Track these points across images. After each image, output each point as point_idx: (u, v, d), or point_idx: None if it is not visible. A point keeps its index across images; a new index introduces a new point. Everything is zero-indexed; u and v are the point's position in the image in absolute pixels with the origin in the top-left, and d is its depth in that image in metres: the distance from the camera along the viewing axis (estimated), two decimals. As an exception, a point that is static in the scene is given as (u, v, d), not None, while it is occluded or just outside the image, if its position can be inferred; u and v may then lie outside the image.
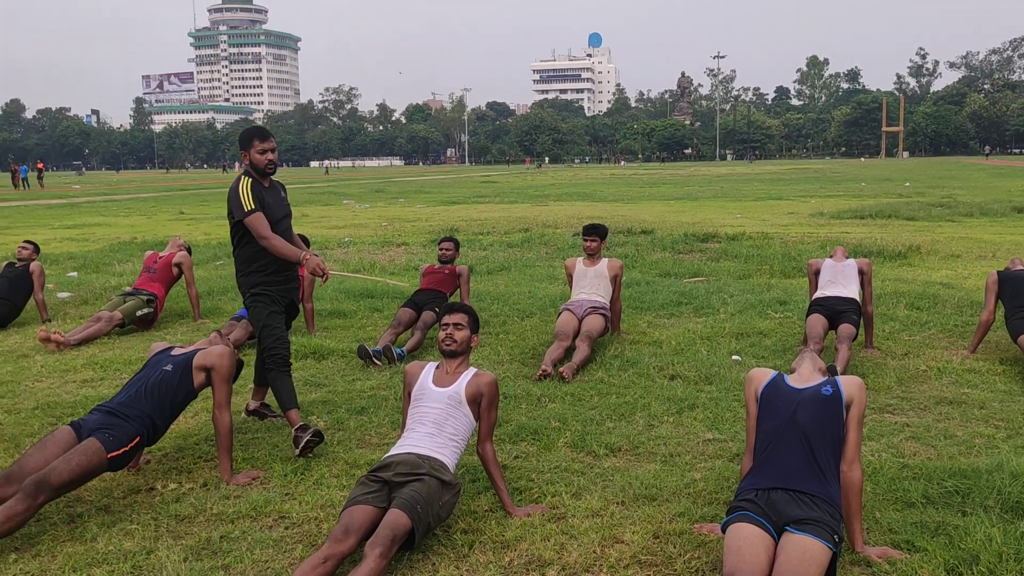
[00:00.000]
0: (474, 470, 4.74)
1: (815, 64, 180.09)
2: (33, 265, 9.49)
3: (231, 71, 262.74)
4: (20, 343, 8.42)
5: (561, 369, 6.67)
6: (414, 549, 3.78)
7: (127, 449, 4.37)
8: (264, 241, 5.14)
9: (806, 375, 4.03)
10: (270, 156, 5.25)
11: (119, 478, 4.83)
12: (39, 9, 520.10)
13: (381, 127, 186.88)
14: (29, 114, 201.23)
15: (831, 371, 4.17)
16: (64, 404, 6.22)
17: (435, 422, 4.21)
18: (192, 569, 3.72)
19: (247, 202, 5.13)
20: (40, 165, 64.08)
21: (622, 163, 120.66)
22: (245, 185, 5.19)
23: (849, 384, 3.85)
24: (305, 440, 5.00)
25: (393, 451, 4.17)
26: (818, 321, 7.09)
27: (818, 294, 7.43)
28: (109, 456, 4.26)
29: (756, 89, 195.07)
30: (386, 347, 7.32)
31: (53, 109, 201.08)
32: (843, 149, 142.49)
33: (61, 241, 18.66)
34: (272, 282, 5.34)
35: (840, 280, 7.42)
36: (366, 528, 3.67)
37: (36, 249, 9.72)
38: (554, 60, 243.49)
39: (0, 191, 50.48)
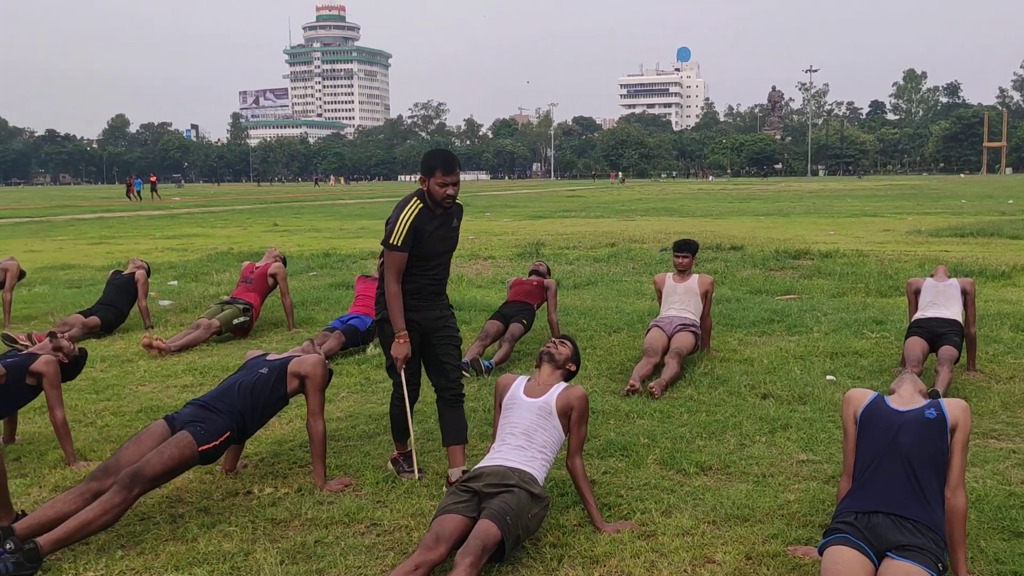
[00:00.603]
0: (562, 484, 4.73)
1: (912, 77, 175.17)
2: (138, 273, 9.89)
3: (324, 87, 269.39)
4: (125, 348, 8.76)
5: (650, 385, 6.62)
6: (504, 561, 3.79)
7: (217, 443, 4.48)
8: (387, 286, 4.72)
9: (907, 397, 3.91)
10: (450, 191, 4.67)
11: (218, 481, 4.99)
12: (144, 28, 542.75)
13: (468, 142, 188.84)
14: (133, 128, 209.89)
15: (933, 395, 4.04)
16: (165, 407, 6.44)
17: (525, 433, 4.23)
18: (288, 572, 3.81)
19: (399, 235, 4.62)
20: (153, 179, 67.44)
21: (710, 178, 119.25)
22: (411, 212, 4.66)
23: (954, 407, 3.73)
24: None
25: (484, 463, 4.20)
26: (917, 344, 6.87)
27: (918, 315, 7.20)
28: (200, 449, 4.38)
29: (850, 103, 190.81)
30: (474, 359, 7.38)
31: (155, 124, 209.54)
32: (941, 165, 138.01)
33: (162, 251, 19.36)
34: (413, 307, 4.81)
35: (942, 301, 7.18)
36: (456, 537, 3.71)
37: (148, 271, 10.15)
38: (641, 74, 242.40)
39: (114, 202, 52.74)
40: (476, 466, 4.22)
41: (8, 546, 3.74)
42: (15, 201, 59.40)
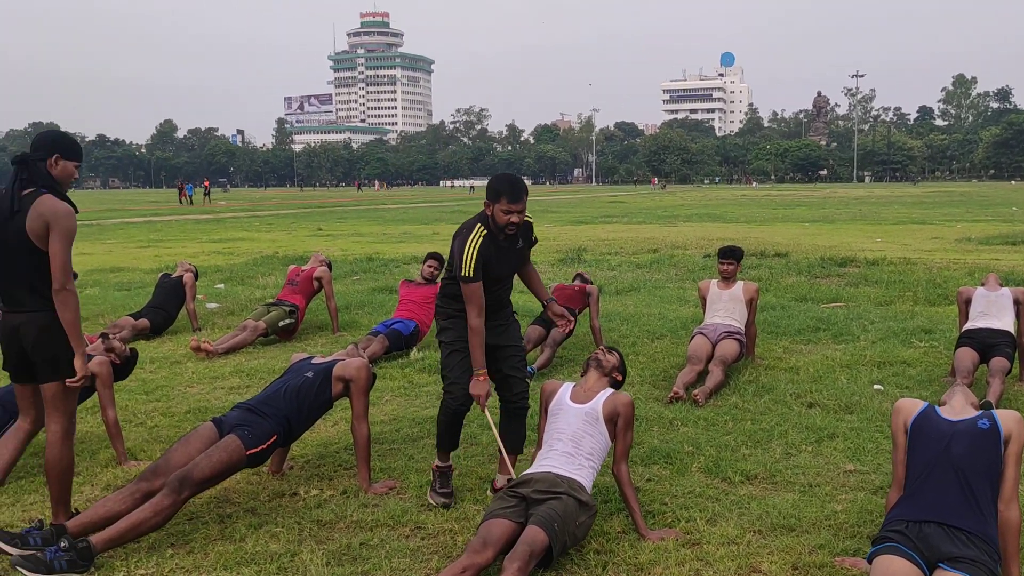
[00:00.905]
0: (606, 491, 4.72)
1: (962, 83, 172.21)
2: (186, 276, 10.06)
3: (367, 93, 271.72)
4: (173, 350, 8.91)
5: (694, 393, 6.58)
6: (550, 567, 3.80)
7: (264, 447, 4.54)
8: (470, 321, 4.54)
9: (958, 408, 3.85)
10: (514, 219, 4.48)
11: (264, 482, 5.05)
12: (191, 36, 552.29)
13: (509, 147, 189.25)
14: (180, 134, 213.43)
15: (985, 406, 3.97)
16: (213, 409, 6.54)
17: (572, 439, 4.24)
18: (334, 574, 3.85)
19: (468, 267, 4.46)
20: (206, 183, 68.72)
21: (753, 184, 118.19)
22: (475, 242, 4.49)
23: (1007, 418, 3.66)
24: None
25: (532, 469, 4.21)
26: (967, 355, 6.75)
27: (968, 325, 7.07)
28: (248, 453, 4.44)
29: (897, 109, 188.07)
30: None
31: (202, 129, 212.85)
32: (991, 171, 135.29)
33: (209, 254, 19.64)
34: None
35: (993, 312, 7.05)
36: (503, 541, 3.73)
37: (196, 275, 10.31)
38: (684, 80, 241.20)
39: (162, 207, 53.67)
40: (524, 472, 4.23)
41: (62, 544, 3.82)
42: (66, 205, 60.56)
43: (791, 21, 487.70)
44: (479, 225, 4.56)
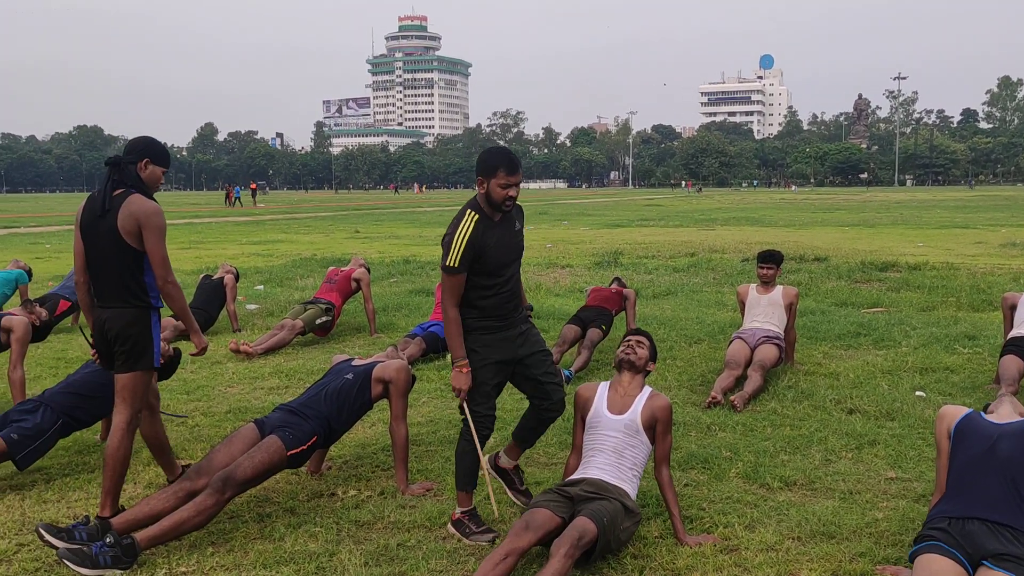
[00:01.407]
0: (644, 495, 4.70)
1: (1007, 85, 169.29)
2: (227, 278, 10.18)
3: (405, 96, 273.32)
4: (214, 351, 9.00)
5: (732, 398, 6.53)
6: (589, 564, 3.78)
7: (305, 448, 4.59)
8: (444, 312, 4.30)
9: (1005, 416, 3.79)
10: (512, 192, 4.18)
11: (303, 482, 5.10)
12: (234, 41, 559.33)
13: (546, 150, 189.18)
14: (220, 137, 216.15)
15: (1033, 414, 3.89)
16: (253, 409, 6.61)
17: (615, 452, 4.25)
18: (372, 574, 3.87)
19: (455, 255, 4.14)
20: (253, 186, 69.67)
21: (792, 187, 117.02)
22: (466, 228, 4.17)
23: (1056, 423, 3.59)
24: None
25: (578, 475, 4.24)
26: (1013, 363, 6.62)
27: (1014, 333, 6.94)
28: (289, 454, 4.49)
29: (940, 112, 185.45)
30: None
31: (242, 132, 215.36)
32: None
33: (248, 256, 19.86)
34: (489, 328, 4.32)
35: (1040, 317, 6.92)
36: (545, 530, 3.76)
37: (236, 276, 10.44)
38: (723, 82, 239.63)
39: (202, 208, 54.38)
40: (571, 476, 4.27)
41: (108, 540, 3.89)
42: (110, 206, 61.59)
43: (832, 22, 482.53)
44: (469, 211, 4.22)
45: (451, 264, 4.15)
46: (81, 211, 4.39)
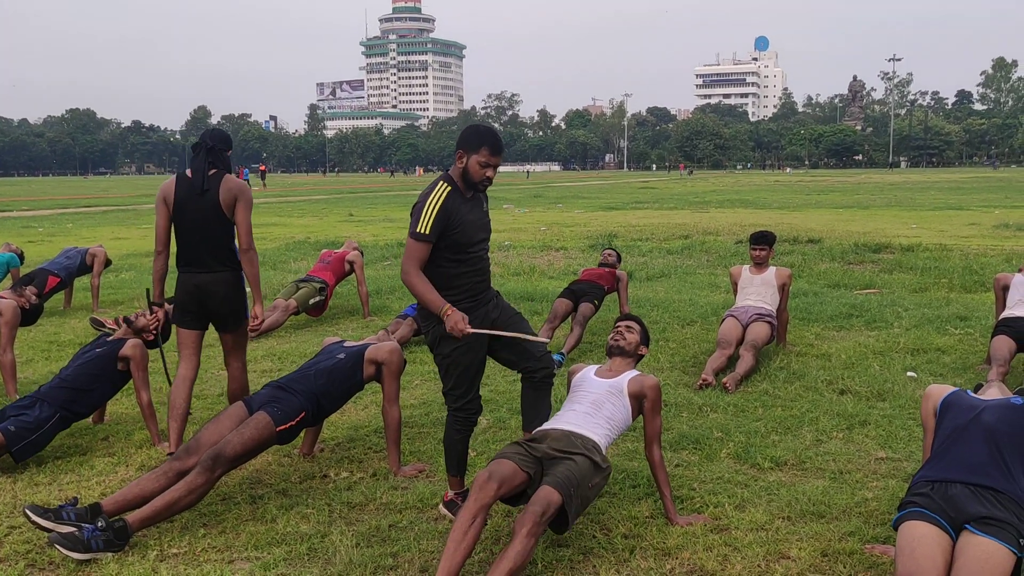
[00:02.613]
0: (635, 475, 4.72)
1: (1002, 66, 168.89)
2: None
3: (399, 78, 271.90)
4: (207, 334, 8.98)
5: (724, 379, 6.54)
6: (569, 529, 3.69)
7: (294, 423, 4.58)
8: (405, 276, 4.19)
9: (992, 396, 3.80)
10: (490, 174, 4.21)
11: (295, 464, 5.11)
12: (225, 21, 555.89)
13: (541, 132, 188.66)
14: (214, 119, 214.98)
15: (1022, 392, 3.91)
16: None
17: (593, 403, 4.18)
18: (363, 555, 3.88)
19: (426, 222, 4.12)
20: (263, 168, 69.17)
21: (787, 170, 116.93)
22: (438, 197, 4.16)
23: (1043, 401, 3.60)
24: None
25: (548, 425, 4.12)
26: (1004, 343, 6.63)
27: (1006, 314, 6.95)
28: (278, 429, 4.47)
29: (935, 93, 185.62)
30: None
31: (236, 115, 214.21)
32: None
33: (242, 239, 19.77)
34: (465, 310, 4.21)
35: (1032, 297, 6.93)
36: (509, 483, 3.65)
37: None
38: (718, 64, 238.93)
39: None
40: (539, 428, 4.15)
41: (99, 523, 3.89)
42: (103, 190, 61.50)
43: (827, 3, 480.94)
44: (442, 183, 4.22)
45: (421, 231, 4.13)
46: (173, 190, 5.17)
